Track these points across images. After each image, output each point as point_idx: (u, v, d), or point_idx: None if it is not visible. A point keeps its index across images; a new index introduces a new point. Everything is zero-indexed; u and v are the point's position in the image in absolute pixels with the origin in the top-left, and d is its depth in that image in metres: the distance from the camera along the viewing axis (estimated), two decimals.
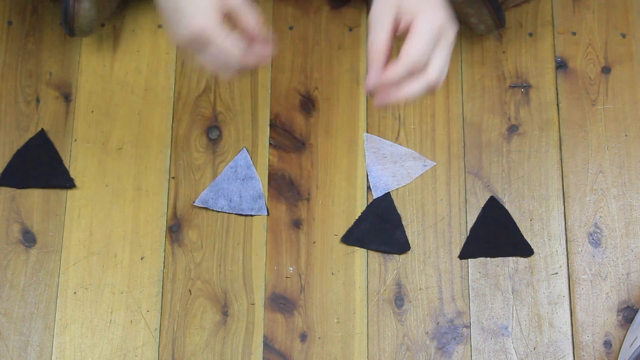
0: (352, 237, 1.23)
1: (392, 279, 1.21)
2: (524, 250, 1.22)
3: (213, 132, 1.28)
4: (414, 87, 0.97)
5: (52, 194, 1.24)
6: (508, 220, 1.23)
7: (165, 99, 1.29)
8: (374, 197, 1.25)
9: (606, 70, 1.31)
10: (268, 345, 1.18)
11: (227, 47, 0.98)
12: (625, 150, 1.27)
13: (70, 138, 1.27)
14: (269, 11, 1.32)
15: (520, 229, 1.23)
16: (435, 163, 1.27)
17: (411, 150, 1.27)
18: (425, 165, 1.26)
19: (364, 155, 1.26)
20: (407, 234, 1.23)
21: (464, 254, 1.22)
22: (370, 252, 1.23)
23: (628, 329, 1.15)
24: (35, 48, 1.31)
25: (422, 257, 1.22)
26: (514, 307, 1.20)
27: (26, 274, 1.21)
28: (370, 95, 1.04)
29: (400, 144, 1.27)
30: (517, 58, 1.32)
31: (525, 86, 1.30)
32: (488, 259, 1.22)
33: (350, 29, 1.32)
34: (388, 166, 1.26)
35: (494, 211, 1.24)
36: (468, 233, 1.23)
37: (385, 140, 1.27)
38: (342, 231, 1.24)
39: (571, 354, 1.17)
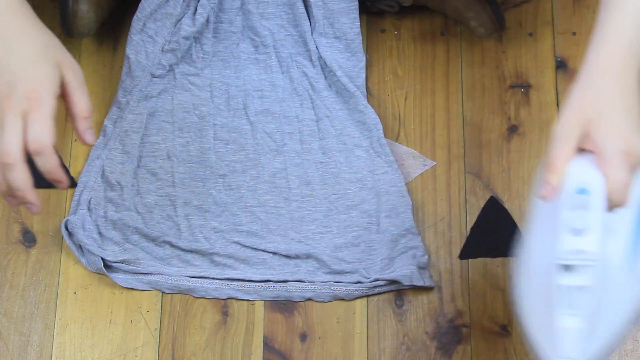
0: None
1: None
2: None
3: None
4: None
5: (52, 194, 1.24)
6: (508, 220, 1.24)
7: None
8: None
9: None
10: (268, 345, 1.18)
11: (47, 125, 0.89)
12: None
13: (70, 138, 1.27)
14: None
15: (520, 229, 1.23)
16: (435, 163, 1.27)
17: (411, 149, 1.27)
18: (425, 165, 1.26)
19: None
20: None
21: (464, 254, 1.22)
22: None
23: None
24: None
25: None
26: (514, 307, 1.20)
27: (26, 274, 1.21)
28: None
29: (400, 144, 1.27)
30: (517, 58, 1.32)
31: (525, 86, 1.30)
32: (488, 259, 1.22)
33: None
34: None
35: (494, 211, 1.24)
36: (468, 233, 1.23)
37: (387, 140, 1.27)
38: None
39: None
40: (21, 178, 0.89)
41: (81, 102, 0.94)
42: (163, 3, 1.26)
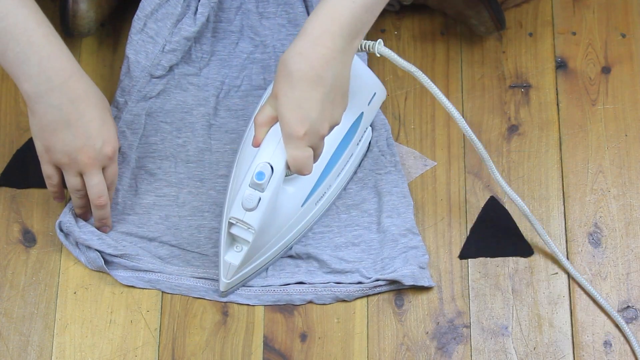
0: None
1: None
2: (524, 250, 1.22)
3: None
4: None
5: None
6: (508, 220, 1.24)
7: None
8: None
9: (606, 70, 1.31)
10: (268, 345, 1.18)
11: (116, 172, 1.14)
12: (625, 150, 1.27)
13: None
14: None
15: (520, 228, 1.23)
16: (435, 163, 1.27)
17: (412, 149, 1.27)
18: (425, 165, 1.26)
19: None
20: None
21: (464, 254, 1.22)
22: None
23: None
24: None
25: None
26: (514, 307, 1.20)
27: (26, 274, 1.21)
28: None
29: (400, 144, 1.27)
30: (517, 58, 1.32)
31: (525, 86, 1.30)
32: (488, 259, 1.22)
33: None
34: None
35: (494, 211, 1.24)
36: (468, 233, 1.23)
37: None
38: None
39: (571, 354, 1.17)
40: (109, 210, 1.16)
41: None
42: (164, 3, 1.26)
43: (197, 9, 1.28)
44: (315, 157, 1.08)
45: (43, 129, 1.08)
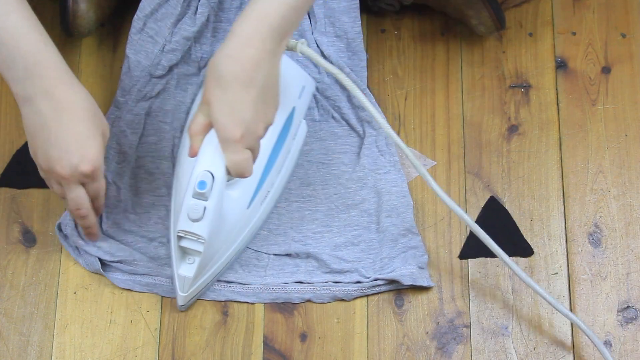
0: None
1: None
2: (524, 250, 1.22)
3: None
4: None
5: (52, 194, 1.24)
6: (508, 220, 1.24)
7: None
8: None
9: (606, 70, 1.31)
10: (268, 345, 1.18)
11: (101, 188, 1.11)
12: (625, 150, 1.27)
13: None
14: None
15: (520, 228, 1.23)
16: (435, 162, 1.27)
17: (412, 149, 1.27)
18: (425, 164, 1.26)
19: None
20: None
21: (464, 254, 1.22)
22: None
23: None
24: None
25: None
26: (514, 307, 1.20)
27: (26, 274, 1.21)
28: None
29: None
30: (517, 58, 1.32)
31: (525, 86, 1.30)
32: (488, 259, 1.22)
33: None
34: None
35: (494, 211, 1.24)
36: (468, 233, 1.23)
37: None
38: None
39: (571, 354, 1.17)
40: (92, 221, 1.15)
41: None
42: (164, 3, 1.26)
43: (197, 9, 1.28)
44: (254, 159, 1.07)
45: (28, 132, 1.07)
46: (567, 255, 1.22)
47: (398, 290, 1.20)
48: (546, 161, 1.27)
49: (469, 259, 1.22)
